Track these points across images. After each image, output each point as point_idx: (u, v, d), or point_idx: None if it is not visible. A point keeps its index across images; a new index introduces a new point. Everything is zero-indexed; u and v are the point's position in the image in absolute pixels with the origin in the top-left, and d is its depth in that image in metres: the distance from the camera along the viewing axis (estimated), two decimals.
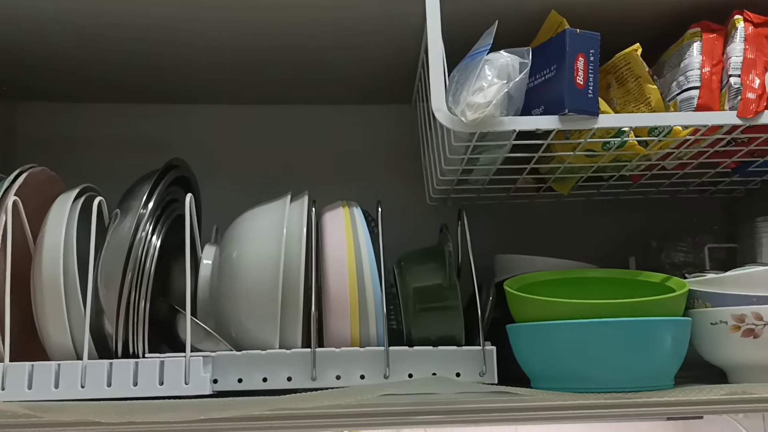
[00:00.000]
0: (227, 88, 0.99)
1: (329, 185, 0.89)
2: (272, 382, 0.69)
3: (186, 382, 0.67)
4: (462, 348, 0.71)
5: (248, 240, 0.73)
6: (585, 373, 0.65)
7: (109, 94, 1.00)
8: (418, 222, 0.95)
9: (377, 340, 0.72)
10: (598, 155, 0.77)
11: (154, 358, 0.67)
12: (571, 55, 0.68)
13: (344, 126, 1.04)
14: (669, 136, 0.72)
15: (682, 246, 0.92)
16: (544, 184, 0.89)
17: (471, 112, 0.66)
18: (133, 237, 0.69)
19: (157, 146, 1.00)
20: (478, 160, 0.78)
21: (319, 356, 0.70)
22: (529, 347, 0.68)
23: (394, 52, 0.88)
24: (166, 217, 0.76)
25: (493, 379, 0.70)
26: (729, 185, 0.93)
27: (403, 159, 1.01)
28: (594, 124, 0.69)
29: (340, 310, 0.71)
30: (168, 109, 1.02)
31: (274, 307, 0.70)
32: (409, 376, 0.70)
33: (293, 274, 0.70)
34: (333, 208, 0.78)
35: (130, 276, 0.68)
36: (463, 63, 0.70)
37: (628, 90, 0.75)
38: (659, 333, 0.65)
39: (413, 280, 0.73)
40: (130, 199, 0.72)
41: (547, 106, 0.70)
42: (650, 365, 0.65)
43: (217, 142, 1.02)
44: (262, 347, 0.70)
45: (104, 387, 0.66)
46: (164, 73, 0.94)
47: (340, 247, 0.73)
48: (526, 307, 0.68)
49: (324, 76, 0.96)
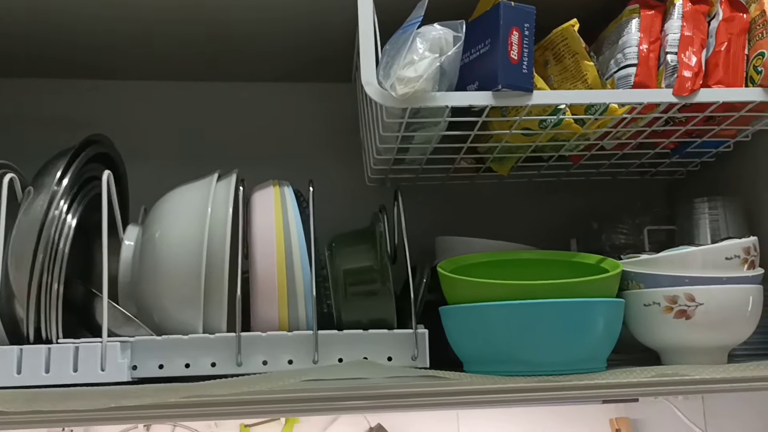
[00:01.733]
0: (157, 64, 0.95)
1: (266, 165, 0.86)
2: (195, 368, 0.67)
3: (102, 368, 0.64)
4: (393, 331, 0.69)
5: (171, 220, 0.70)
6: (516, 355, 0.63)
7: (28, 68, 0.95)
8: (358, 203, 0.92)
9: (306, 323, 0.69)
10: (535, 134, 0.75)
11: (67, 344, 0.64)
12: (505, 29, 0.66)
13: (283, 104, 1.01)
14: (606, 114, 0.71)
15: (622, 228, 0.91)
16: (483, 164, 0.87)
17: (401, 86, 0.64)
18: (45, 215, 0.65)
19: (82, 124, 0.95)
20: (413, 138, 0.75)
21: (245, 341, 0.67)
22: (461, 329, 0.66)
23: (330, 26, 0.85)
24: (84, 195, 0.71)
25: (425, 362, 0.69)
26: (669, 167, 0.92)
27: (344, 138, 0.98)
28: (528, 101, 0.67)
29: (268, 293, 0.69)
30: (93, 85, 0.98)
31: (197, 290, 0.67)
32: (339, 361, 0.68)
33: (217, 256, 0.67)
34: (263, 187, 0.75)
35: (41, 257, 0.64)
36: (394, 36, 0.68)
37: (565, 67, 0.73)
38: (591, 314, 0.63)
39: (343, 261, 0.70)
40: (43, 176, 0.68)
41: (481, 81, 0.68)
42: (582, 347, 0.64)
43: (147, 120, 0.98)
44: (185, 332, 0.67)
45: (14, 374, 0.63)
46: (88, 47, 0.89)
47: (269, 227, 0.70)
48: (458, 289, 0.67)
49: (258, 52, 0.93)
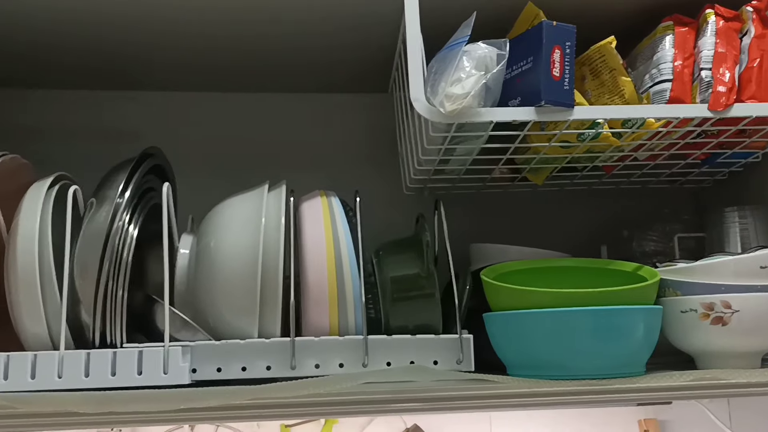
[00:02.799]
0: (201, 76, 0.98)
1: (304, 174, 0.88)
2: (251, 371, 0.70)
3: (165, 371, 0.67)
4: (439, 336, 0.72)
5: (226, 229, 0.73)
6: (559, 360, 0.66)
7: (76, 80, 0.98)
8: (394, 211, 0.95)
9: (356, 329, 0.72)
10: (572, 146, 0.78)
11: (132, 348, 0.67)
12: (548, 48, 0.68)
13: (320, 114, 1.04)
14: (642, 128, 0.74)
15: (652, 235, 0.94)
16: (518, 174, 0.90)
17: (449, 103, 0.67)
18: (110, 226, 0.68)
19: (128, 135, 1.00)
20: (455, 151, 0.78)
21: (298, 345, 0.70)
22: (505, 335, 0.69)
23: (370, 40, 0.89)
24: (143, 207, 0.75)
25: (469, 366, 0.71)
26: (698, 176, 0.95)
27: (379, 148, 1.01)
28: (569, 116, 0.70)
29: (319, 300, 0.72)
30: (138, 96, 1.01)
31: (253, 297, 0.70)
32: (387, 365, 0.71)
33: (272, 264, 0.71)
34: (311, 197, 0.78)
35: (107, 266, 0.68)
36: (441, 54, 0.71)
37: (603, 82, 0.76)
38: (632, 321, 0.66)
39: (391, 269, 0.74)
40: (106, 188, 0.71)
41: (523, 97, 0.71)
42: (623, 353, 0.66)
43: (190, 131, 1.01)
44: (240, 337, 0.71)
45: (82, 377, 0.66)
46: (135, 59, 0.93)
47: (319, 236, 0.73)
48: (502, 296, 0.70)
49: (299, 64, 0.96)
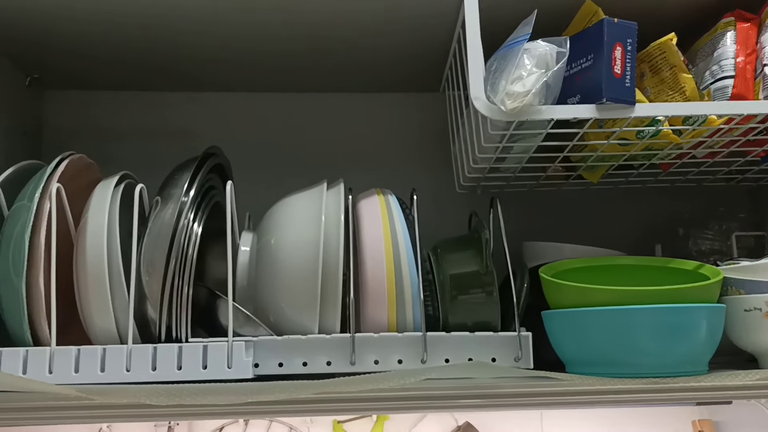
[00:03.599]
0: (254, 76, 1.00)
1: (355, 173, 0.89)
2: (312, 367, 0.71)
3: (229, 366, 0.68)
4: (498, 333, 0.72)
5: (287, 227, 0.74)
6: (622, 358, 0.66)
7: (135, 82, 1.01)
8: (443, 211, 0.96)
9: (414, 325, 0.73)
10: (631, 144, 0.77)
11: (197, 343, 0.69)
12: (609, 45, 0.68)
13: (371, 114, 1.05)
14: (703, 125, 0.73)
15: (708, 234, 0.93)
16: (573, 172, 0.90)
17: (510, 101, 0.67)
18: (176, 224, 0.70)
19: (184, 134, 1.02)
20: (512, 149, 0.78)
21: (358, 341, 0.71)
22: (566, 333, 0.69)
23: (424, 40, 0.89)
24: (206, 205, 0.76)
25: (528, 364, 0.72)
26: (756, 173, 0.93)
27: (429, 147, 1.02)
28: (631, 113, 0.69)
29: (378, 296, 0.73)
30: (195, 97, 1.03)
31: (314, 294, 0.71)
32: (445, 361, 0.72)
33: (332, 261, 0.71)
34: (368, 195, 0.79)
35: (173, 263, 0.69)
36: (500, 52, 0.71)
37: (663, 79, 0.75)
38: (696, 319, 0.66)
39: (450, 266, 0.74)
40: (171, 187, 0.73)
41: (583, 94, 0.71)
42: (686, 351, 0.66)
43: (245, 131, 1.03)
44: (300, 332, 0.72)
45: (149, 371, 0.68)
46: (192, 60, 0.95)
47: (377, 233, 0.74)
48: (563, 294, 0.70)
49: (353, 64, 0.96)
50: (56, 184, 0.71)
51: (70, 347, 0.68)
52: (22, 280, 0.68)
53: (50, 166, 0.74)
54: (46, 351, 0.68)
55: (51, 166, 0.73)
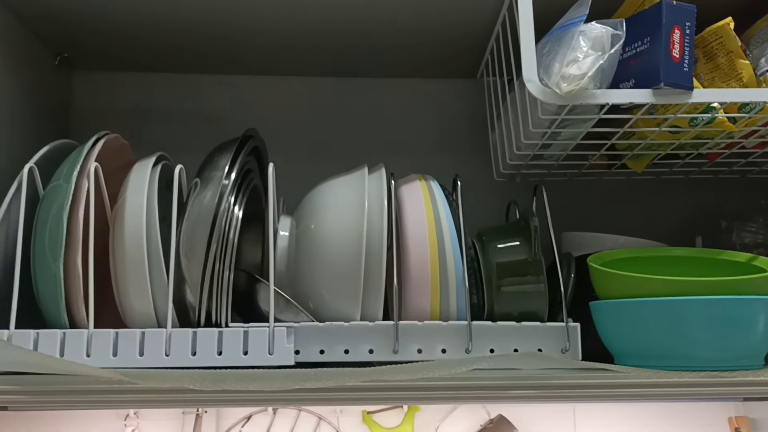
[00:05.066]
0: (290, 60, 0.98)
1: (385, 159, 0.87)
2: (354, 354, 0.69)
3: (270, 352, 0.67)
4: (545, 324, 0.71)
5: (328, 212, 0.73)
6: (676, 350, 0.64)
7: (165, 63, 0.99)
8: (480, 198, 0.93)
9: (457, 314, 0.71)
10: (682, 132, 0.75)
11: (238, 328, 0.67)
12: (668, 27, 0.66)
13: (404, 99, 1.03)
14: (760, 113, 0.71)
15: (752, 226, 0.91)
16: (617, 161, 0.88)
17: (566, 83, 0.65)
18: (217, 207, 0.68)
19: (214, 118, 1.00)
20: (559, 135, 0.76)
21: (402, 329, 0.69)
22: (617, 324, 0.67)
23: (464, 23, 0.87)
24: (246, 188, 0.75)
25: (577, 355, 0.70)
26: None
27: (463, 135, 1.01)
28: (688, 99, 0.67)
29: (421, 284, 0.71)
30: (225, 80, 1.01)
31: (356, 280, 0.69)
32: (490, 351, 0.70)
33: (375, 247, 0.70)
34: (410, 180, 0.77)
35: (215, 247, 0.67)
36: (554, 33, 0.69)
37: (718, 65, 0.73)
38: (753, 312, 0.64)
39: (496, 255, 0.72)
40: (211, 169, 0.71)
41: (637, 79, 0.68)
42: (741, 345, 0.64)
43: (275, 114, 1.01)
44: (342, 319, 0.70)
45: (189, 356, 0.66)
46: (226, 43, 0.93)
47: (421, 219, 0.72)
48: (614, 284, 0.68)
49: (388, 47, 0.94)
50: (94, 163, 0.70)
51: (108, 330, 0.66)
52: (60, 261, 0.66)
53: (87, 144, 0.72)
54: (83, 333, 0.66)
55: (88, 145, 0.72)
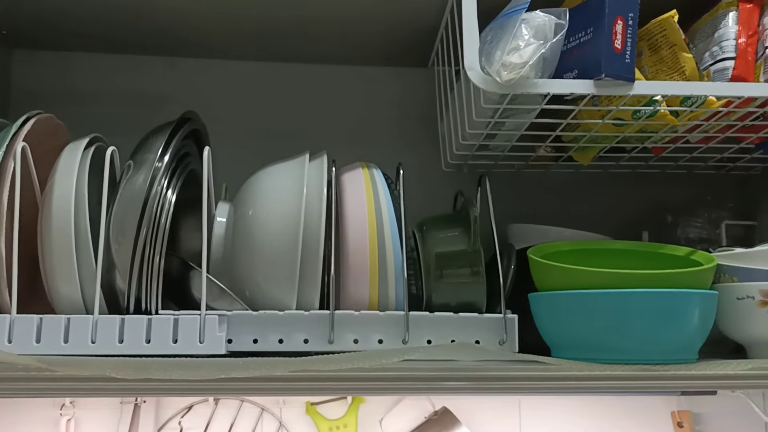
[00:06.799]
0: (237, 44, 0.95)
1: (336, 147, 0.86)
2: (288, 344, 0.68)
3: (200, 340, 0.65)
4: (483, 315, 0.70)
5: (266, 198, 0.71)
6: (611, 343, 0.63)
7: (111, 44, 0.96)
8: (429, 188, 0.92)
9: (396, 304, 0.70)
10: (626, 124, 0.75)
11: (168, 316, 0.65)
12: (611, 18, 0.65)
13: (354, 87, 1.01)
14: (702, 107, 0.71)
15: (697, 222, 0.91)
16: (563, 153, 0.87)
17: (506, 72, 0.64)
18: (149, 191, 0.66)
19: (162, 100, 0.97)
20: (503, 125, 0.76)
21: (338, 319, 0.68)
22: (554, 316, 0.67)
23: (411, 12, 0.85)
24: (181, 172, 0.73)
25: (513, 347, 0.69)
26: (748, 162, 0.91)
27: (415, 123, 0.99)
28: (630, 91, 0.67)
29: (360, 273, 0.69)
30: (174, 62, 0.99)
31: (292, 268, 0.67)
32: (427, 342, 0.69)
33: (313, 234, 0.68)
34: (352, 168, 0.76)
35: (145, 231, 0.65)
36: (497, 21, 0.68)
37: (661, 58, 0.73)
38: (688, 306, 0.63)
39: (436, 245, 0.71)
40: (144, 152, 0.69)
41: (580, 69, 0.68)
42: (677, 338, 0.64)
43: (223, 99, 0.98)
44: (278, 308, 0.68)
45: (116, 343, 0.64)
46: (172, 24, 0.90)
47: (361, 208, 0.71)
48: (553, 276, 0.67)
49: (335, 35, 0.93)
50: (22, 143, 0.67)
51: (31, 316, 0.64)
52: None
53: (15, 124, 0.69)
54: (5, 319, 0.64)
55: (16, 125, 0.69)
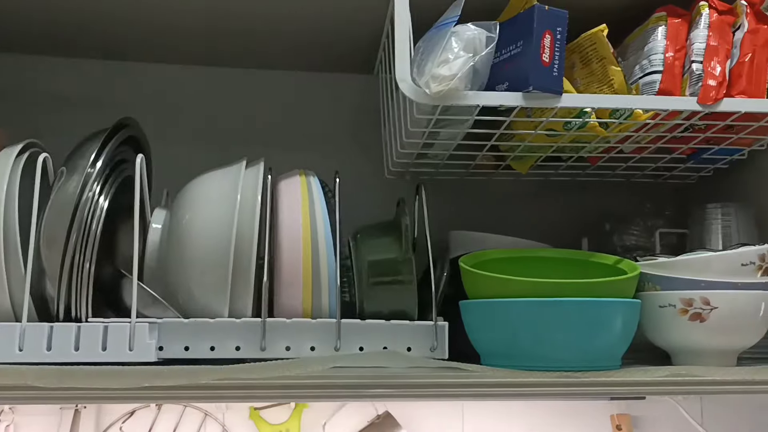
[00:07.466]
0: (184, 49, 0.96)
1: (285, 153, 0.87)
2: (220, 351, 0.68)
3: (130, 348, 0.65)
4: (414, 323, 0.71)
5: (200, 205, 0.71)
6: (535, 351, 0.65)
7: (50, 46, 0.95)
8: (375, 195, 0.93)
9: (329, 312, 0.71)
10: (558, 135, 0.76)
11: (97, 323, 0.65)
12: (539, 32, 0.67)
13: (303, 93, 1.02)
14: (630, 119, 0.72)
15: (634, 230, 0.93)
16: (503, 162, 0.89)
17: (435, 84, 0.65)
18: (80, 197, 0.66)
19: (104, 105, 0.97)
20: (439, 135, 0.77)
21: (269, 326, 0.68)
22: (481, 324, 0.68)
23: (357, 19, 0.86)
24: (115, 178, 0.73)
25: (443, 354, 0.70)
26: (683, 171, 0.94)
27: (363, 130, 1.00)
28: (557, 103, 0.68)
29: (293, 281, 0.70)
30: (120, 66, 0.98)
31: (224, 275, 0.68)
32: (360, 350, 0.70)
33: (246, 242, 0.69)
34: (289, 176, 0.76)
35: (75, 237, 0.65)
36: (429, 34, 0.69)
37: (592, 71, 0.74)
38: (610, 314, 0.65)
39: (368, 252, 0.72)
40: (77, 158, 0.69)
41: (511, 82, 0.69)
42: (600, 345, 0.65)
43: (169, 104, 0.99)
44: (210, 315, 0.69)
45: (44, 351, 0.64)
46: (115, 29, 0.90)
47: (296, 216, 0.72)
48: (480, 284, 0.68)
49: (284, 41, 0.93)
50: None
51: None
52: None
53: None
54: None
55: None
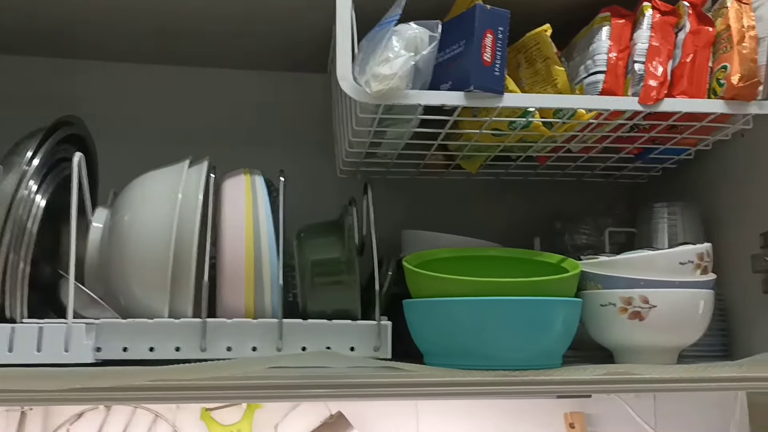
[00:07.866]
0: (131, 47, 0.94)
1: (237, 153, 0.86)
2: (159, 352, 0.67)
3: (66, 349, 0.64)
4: (357, 322, 0.70)
5: (141, 204, 0.70)
6: (476, 350, 0.65)
7: (1, 45, 0.93)
8: (328, 194, 0.93)
9: (272, 312, 0.70)
10: (504, 134, 0.76)
11: (32, 324, 0.64)
12: (480, 31, 0.67)
13: (256, 92, 1.01)
14: (573, 119, 0.73)
15: (585, 229, 0.93)
16: (453, 161, 0.89)
17: (376, 83, 0.65)
18: (14, 194, 0.65)
19: (52, 103, 0.95)
20: (385, 134, 0.77)
21: (210, 327, 0.68)
22: (423, 323, 0.68)
23: (307, 18, 0.86)
24: (55, 176, 0.71)
25: (386, 354, 0.70)
26: (632, 171, 0.94)
27: (315, 129, 0.99)
28: (499, 103, 0.69)
29: (235, 280, 0.70)
30: (68, 64, 0.97)
31: (163, 275, 0.67)
32: (302, 350, 0.69)
33: (186, 242, 0.68)
34: (234, 175, 0.75)
35: (8, 236, 0.64)
36: (371, 33, 0.69)
37: (537, 71, 0.75)
38: (550, 312, 0.65)
39: (311, 252, 0.72)
40: (14, 155, 0.68)
41: (454, 82, 0.69)
42: (540, 344, 0.66)
43: (119, 103, 0.97)
44: (150, 316, 0.68)
45: None
46: (64, 27, 0.88)
47: (238, 215, 0.71)
48: (422, 283, 0.68)
49: (234, 40, 0.92)
50: None
51: None
52: None
53: None
54: None
55: None
